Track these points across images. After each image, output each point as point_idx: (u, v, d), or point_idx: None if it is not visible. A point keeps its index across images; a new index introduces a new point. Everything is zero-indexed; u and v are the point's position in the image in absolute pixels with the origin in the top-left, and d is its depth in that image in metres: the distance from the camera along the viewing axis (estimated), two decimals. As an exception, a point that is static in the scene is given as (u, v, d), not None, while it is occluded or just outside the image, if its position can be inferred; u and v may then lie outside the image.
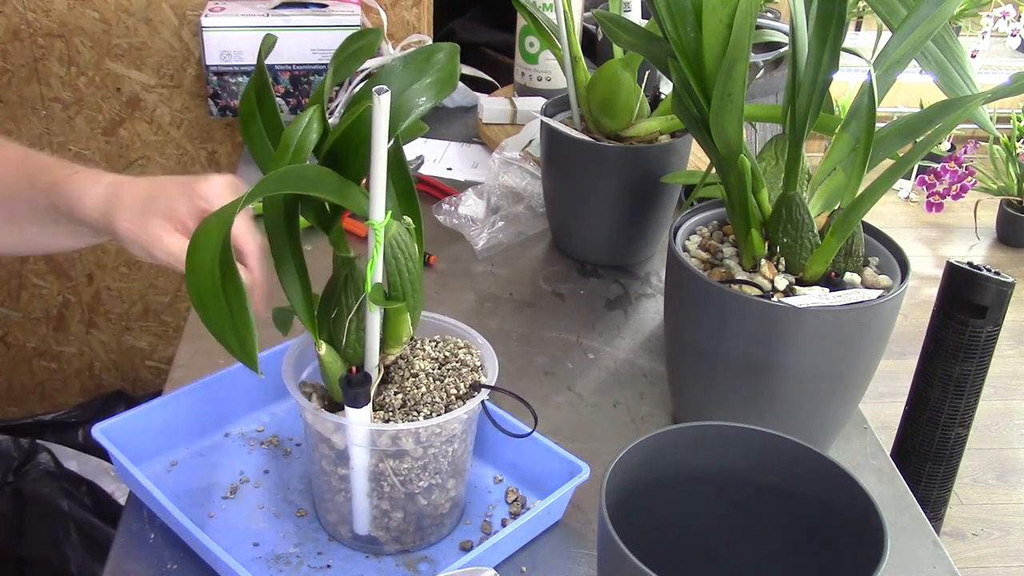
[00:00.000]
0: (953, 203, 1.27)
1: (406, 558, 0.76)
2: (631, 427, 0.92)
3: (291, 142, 0.64)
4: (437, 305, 1.04)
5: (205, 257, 0.58)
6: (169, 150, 1.66)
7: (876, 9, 0.78)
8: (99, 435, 0.78)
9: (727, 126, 0.75)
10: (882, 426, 2.00)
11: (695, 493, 0.66)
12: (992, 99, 0.72)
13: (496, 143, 1.35)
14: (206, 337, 0.61)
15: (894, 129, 0.78)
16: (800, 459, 0.63)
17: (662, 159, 1.07)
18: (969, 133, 3.37)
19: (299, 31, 1.45)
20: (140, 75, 1.59)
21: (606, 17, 0.92)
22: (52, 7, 1.53)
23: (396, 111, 0.64)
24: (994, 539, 2.10)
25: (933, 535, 0.82)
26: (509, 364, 0.98)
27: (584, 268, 1.15)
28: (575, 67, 1.09)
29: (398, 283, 0.67)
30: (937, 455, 1.64)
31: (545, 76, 1.49)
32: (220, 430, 0.87)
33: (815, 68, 0.76)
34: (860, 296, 0.77)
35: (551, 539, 0.79)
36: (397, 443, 0.70)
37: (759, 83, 1.41)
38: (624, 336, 1.04)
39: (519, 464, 0.83)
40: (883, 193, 0.76)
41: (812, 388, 0.80)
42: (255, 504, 0.80)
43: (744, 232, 0.81)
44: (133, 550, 0.76)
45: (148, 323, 1.83)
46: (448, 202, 1.22)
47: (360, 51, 0.71)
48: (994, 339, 1.52)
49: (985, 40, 2.75)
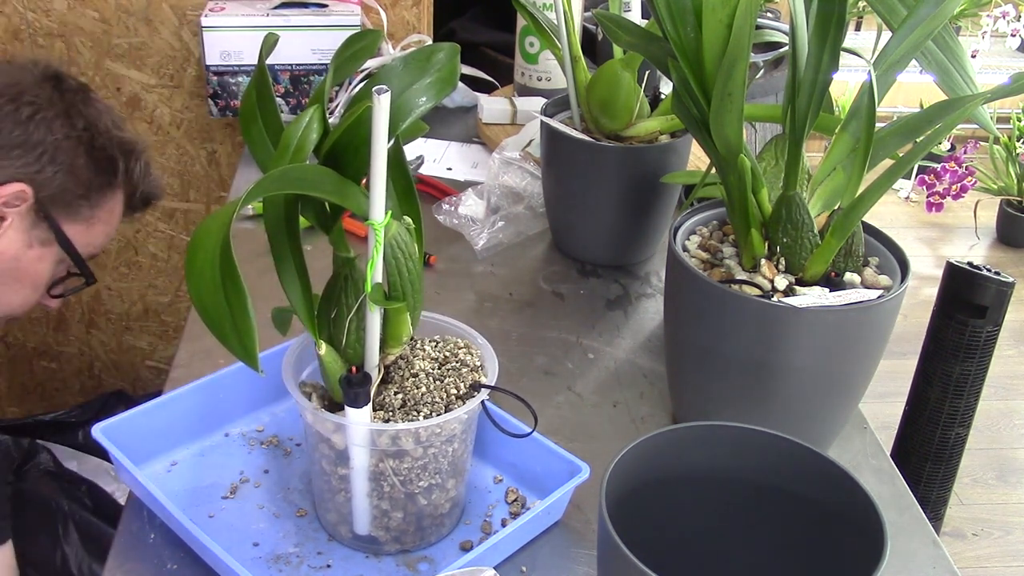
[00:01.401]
0: (953, 203, 1.28)
1: (406, 558, 0.76)
2: (631, 427, 0.92)
3: (291, 142, 0.64)
4: (437, 305, 1.04)
5: (205, 257, 0.58)
6: (169, 150, 1.66)
7: (876, 9, 0.78)
8: (99, 435, 0.78)
9: (727, 126, 0.75)
10: (882, 426, 2.00)
11: (695, 493, 0.66)
12: (992, 99, 0.72)
13: (496, 143, 1.35)
14: (206, 337, 0.61)
15: (894, 129, 0.78)
16: (800, 459, 0.63)
17: (662, 159, 1.07)
18: (969, 133, 3.37)
19: (299, 31, 1.45)
20: (140, 75, 1.59)
21: (606, 17, 0.92)
22: (52, 7, 1.53)
23: (396, 111, 0.64)
24: (994, 539, 2.10)
25: (933, 535, 0.82)
26: (509, 364, 0.98)
27: (584, 268, 1.15)
28: (575, 67, 1.09)
29: (398, 283, 0.67)
30: (937, 455, 1.64)
31: (545, 76, 1.49)
32: (220, 430, 0.87)
33: (815, 68, 0.76)
34: (860, 296, 0.77)
35: (551, 539, 0.79)
36: (397, 443, 0.70)
37: (759, 83, 1.41)
38: (624, 336, 1.04)
39: (519, 464, 0.83)
40: (883, 193, 0.76)
41: (812, 388, 0.80)
42: (255, 504, 0.80)
43: (744, 232, 0.81)
44: (133, 550, 0.76)
45: (148, 323, 1.83)
46: (448, 202, 1.22)
47: (360, 52, 0.71)
48: (994, 339, 1.52)
49: (985, 40, 2.75)
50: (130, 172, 1.13)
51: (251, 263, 1.10)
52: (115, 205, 1.14)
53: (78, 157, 1.07)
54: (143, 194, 1.17)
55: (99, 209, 1.11)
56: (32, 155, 1.03)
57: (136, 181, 1.14)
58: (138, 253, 1.75)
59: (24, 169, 1.03)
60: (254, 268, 1.07)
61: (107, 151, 1.10)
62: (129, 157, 1.12)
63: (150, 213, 1.70)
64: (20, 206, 1.03)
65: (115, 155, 1.11)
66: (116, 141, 1.11)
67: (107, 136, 1.10)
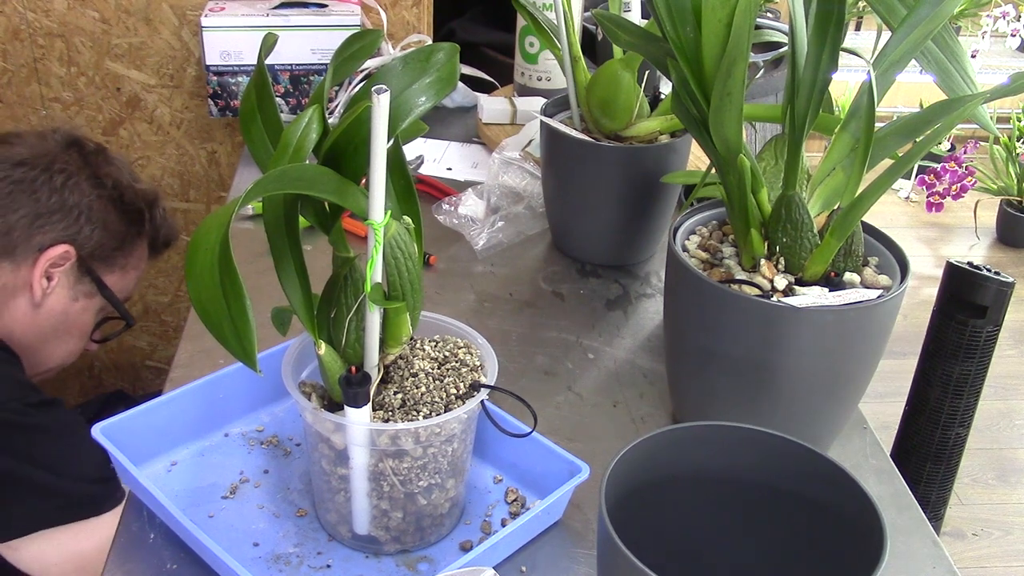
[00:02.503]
0: (953, 203, 1.27)
1: (406, 558, 0.76)
2: (631, 427, 0.92)
3: (291, 142, 0.64)
4: (437, 305, 1.04)
5: (205, 257, 0.58)
6: (169, 150, 1.66)
7: (876, 9, 0.78)
8: (99, 435, 0.78)
9: (727, 126, 0.75)
10: (882, 426, 2.00)
11: (695, 493, 0.66)
12: (992, 99, 0.72)
13: (496, 143, 1.35)
14: (206, 337, 0.61)
15: (894, 129, 0.78)
16: (800, 459, 0.63)
17: (662, 159, 1.07)
18: (969, 133, 3.37)
19: (299, 31, 1.45)
20: (140, 75, 1.59)
21: (606, 17, 0.92)
22: (52, 7, 1.53)
23: (396, 111, 0.64)
24: (994, 539, 2.10)
25: (933, 535, 0.82)
26: (509, 364, 0.98)
27: (584, 268, 1.15)
28: (575, 67, 1.10)
29: (398, 283, 0.67)
30: (937, 455, 1.64)
31: (545, 76, 1.49)
32: (220, 430, 0.87)
33: (815, 68, 0.76)
34: (860, 296, 0.77)
35: (551, 539, 0.79)
36: (397, 443, 0.70)
37: (759, 83, 1.41)
38: (624, 336, 1.04)
39: (519, 464, 0.83)
40: (883, 193, 0.76)
41: (812, 388, 0.80)
42: (255, 504, 0.80)
43: (744, 232, 0.81)
44: (133, 550, 0.76)
45: (148, 323, 1.83)
46: (448, 202, 1.22)
47: (360, 51, 0.71)
48: (994, 339, 1.52)
49: (985, 40, 2.75)
50: (154, 219, 1.26)
51: (251, 263, 1.10)
52: (143, 251, 1.28)
53: (110, 213, 1.20)
54: (164, 237, 1.31)
55: (131, 257, 1.25)
56: (70, 217, 1.15)
57: (158, 226, 1.28)
58: (138, 253, 1.75)
59: (65, 231, 1.15)
60: (254, 268, 1.08)
61: (135, 204, 1.23)
62: (153, 206, 1.26)
63: (150, 213, 1.71)
64: (64, 265, 1.16)
65: (141, 207, 1.24)
66: (140, 194, 1.24)
67: (131, 190, 1.23)
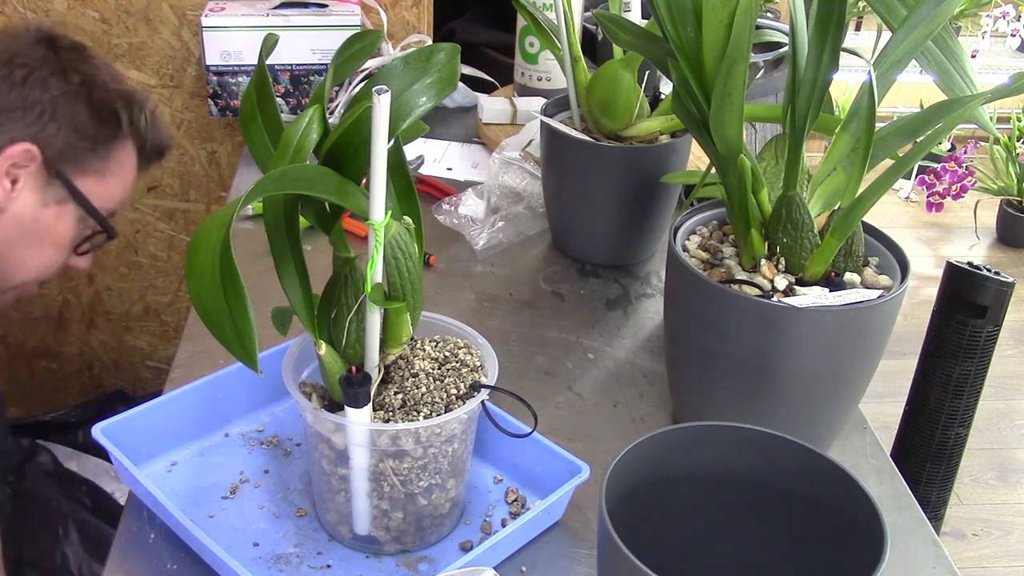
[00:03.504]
0: (953, 203, 1.27)
1: (406, 558, 0.76)
2: (631, 427, 0.92)
3: (291, 142, 0.64)
4: (437, 305, 1.04)
5: (205, 257, 0.58)
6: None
7: (876, 9, 0.78)
8: (99, 435, 0.79)
9: (727, 126, 0.75)
10: (882, 426, 2.00)
11: (695, 493, 0.66)
12: (992, 99, 0.72)
13: (496, 143, 1.35)
14: (206, 337, 0.61)
15: (894, 129, 0.78)
16: (800, 459, 0.63)
17: (662, 159, 1.07)
18: (969, 133, 3.37)
19: (299, 31, 1.45)
20: (140, 75, 1.59)
21: (606, 17, 0.92)
22: (52, 7, 1.53)
23: (396, 111, 0.64)
24: (994, 539, 2.10)
25: (933, 535, 0.82)
26: (509, 364, 0.98)
27: (584, 268, 1.15)
28: (575, 67, 1.10)
29: (398, 283, 0.67)
30: (937, 455, 1.64)
31: (545, 76, 1.49)
32: (220, 430, 0.87)
33: (815, 68, 0.76)
34: (860, 296, 0.77)
35: (551, 539, 0.79)
36: (397, 443, 0.70)
37: (759, 83, 1.41)
38: (624, 336, 1.04)
39: (519, 464, 0.83)
40: (883, 193, 0.76)
41: (812, 388, 0.80)
42: (255, 504, 0.80)
43: (744, 232, 0.81)
44: (133, 550, 0.76)
45: (148, 323, 1.83)
46: (448, 202, 1.22)
47: (360, 52, 0.71)
48: (994, 339, 1.52)
49: (985, 40, 2.75)
50: (135, 122, 1.15)
51: (251, 263, 1.10)
52: (125, 157, 1.16)
53: (79, 112, 1.09)
54: (153, 144, 1.19)
55: (109, 161, 1.13)
56: (32, 114, 1.06)
57: (144, 131, 1.16)
58: (138, 253, 1.75)
59: (27, 129, 1.05)
60: (254, 268, 1.08)
61: (107, 103, 1.12)
62: (131, 107, 1.14)
63: (150, 213, 1.70)
64: (29, 166, 1.06)
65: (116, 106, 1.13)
66: (115, 93, 1.13)
67: (105, 89, 1.12)
